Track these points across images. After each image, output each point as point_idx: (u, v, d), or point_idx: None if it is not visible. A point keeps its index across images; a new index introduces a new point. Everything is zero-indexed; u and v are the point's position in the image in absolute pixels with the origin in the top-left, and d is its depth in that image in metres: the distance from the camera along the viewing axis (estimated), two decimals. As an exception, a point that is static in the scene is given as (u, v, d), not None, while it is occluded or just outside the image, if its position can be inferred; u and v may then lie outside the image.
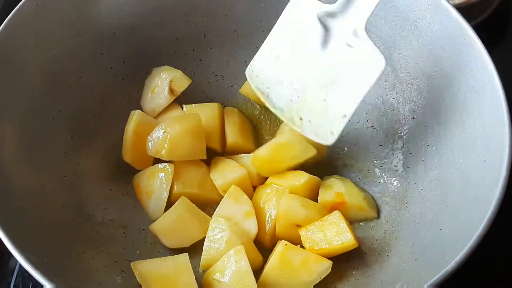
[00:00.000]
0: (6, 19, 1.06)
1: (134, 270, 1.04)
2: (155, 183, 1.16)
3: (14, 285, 1.16)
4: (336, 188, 1.16)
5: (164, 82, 1.23)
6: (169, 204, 1.14)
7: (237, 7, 1.29)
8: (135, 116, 1.20)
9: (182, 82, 1.24)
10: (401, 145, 1.19)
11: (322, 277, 1.05)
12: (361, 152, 1.25)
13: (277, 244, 1.09)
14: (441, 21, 1.09)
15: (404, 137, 1.19)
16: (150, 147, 1.17)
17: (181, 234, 1.13)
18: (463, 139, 1.05)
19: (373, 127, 1.24)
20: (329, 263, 1.06)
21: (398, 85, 1.20)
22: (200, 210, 1.16)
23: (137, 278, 1.04)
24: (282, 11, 1.24)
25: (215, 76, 1.34)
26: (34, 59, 1.10)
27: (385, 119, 1.23)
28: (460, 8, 1.07)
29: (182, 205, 1.13)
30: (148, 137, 1.18)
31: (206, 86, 1.32)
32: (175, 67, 1.26)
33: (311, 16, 1.09)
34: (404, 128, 1.19)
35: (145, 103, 1.26)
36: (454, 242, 0.91)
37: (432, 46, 1.12)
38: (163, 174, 1.16)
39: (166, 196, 1.15)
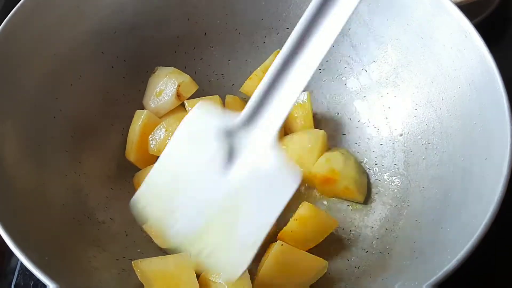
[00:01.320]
0: (7, 18, 1.05)
1: (135, 269, 1.04)
2: None
3: (15, 284, 1.16)
4: (334, 164, 1.17)
5: (171, 86, 1.23)
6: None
7: (237, 5, 1.28)
8: (143, 116, 1.20)
9: (190, 88, 1.24)
10: (402, 143, 1.19)
11: (319, 277, 1.05)
12: (362, 151, 1.25)
13: (271, 245, 1.08)
14: (442, 20, 1.09)
15: (405, 135, 1.19)
16: (152, 146, 1.17)
17: None
18: (464, 138, 1.05)
19: (374, 126, 1.24)
20: (325, 263, 1.06)
21: (399, 84, 1.20)
22: None
23: (139, 277, 1.03)
24: (283, 9, 1.25)
25: (215, 75, 1.33)
26: (34, 58, 1.10)
27: (386, 118, 1.23)
28: (461, 6, 1.07)
29: None
30: (150, 136, 1.18)
31: (206, 84, 1.31)
32: (175, 66, 1.26)
33: (211, 132, 0.94)
34: (405, 126, 1.19)
35: (148, 103, 1.26)
36: (455, 241, 0.91)
37: (432, 44, 1.12)
38: None
39: None
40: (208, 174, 0.94)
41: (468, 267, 0.86)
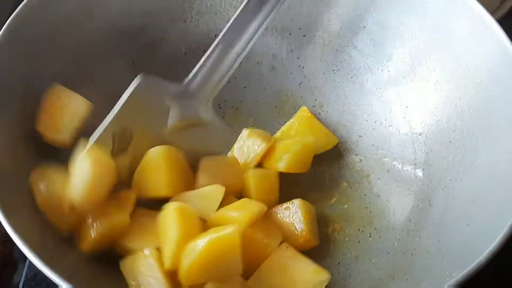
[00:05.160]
0: (11, 16, 1.03)
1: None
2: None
3: (22, 288, 1.13)
4: None
5: None
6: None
7: (249, 6, 1.25)
8: None
9: None
10: (422, 143, 1.16)
11: None
12: (380, 152, 1.21)
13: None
14: (460, 13, 1.07)
15: (425, 134, 1.16)
16: None
17: None
18: (487, 133, 1.02)
19: (391, 126, 1.21)
20: (327, 276, 1.00)
21: (417, 82, 1.17)
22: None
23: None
24: (295, 9, 1.26)
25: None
26: (40, 59, 1.07)
27: (404, 117, 1.19)
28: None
29: None
30: None
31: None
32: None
33: (157, 97, 1.07)
34: (424, 125, 1.16)
35: None
36: (482, 238, 0.88)
37: (451, 39, 1.10)
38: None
39: None
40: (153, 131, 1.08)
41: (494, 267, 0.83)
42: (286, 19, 1.26)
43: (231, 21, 1.07)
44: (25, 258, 1.15)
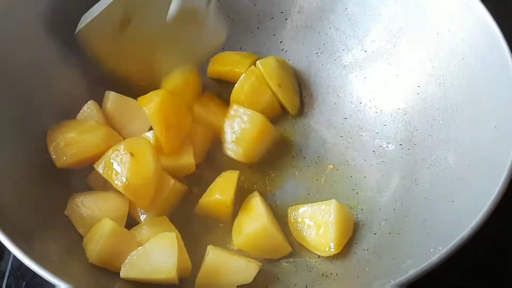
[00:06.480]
0: None
1: None
2: None
3: (6, 286, 1.11)
4: None
5: None
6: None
7: (230, -8, 1.25)
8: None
9: None
10: (407, 122, 1.15)
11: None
12: (365, 133, 1.20)
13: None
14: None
15: (409, 113, 1.14)
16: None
17: None
18: (471, 108, 1.01)
19: (376, 107, 1.20)
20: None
21: (399, 61, 1.16)
22: None
23: None
24: None
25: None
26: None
27: (388, 97, 1.18)
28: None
29: None
30: None
31: (201, 73, 1.26)
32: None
33: None
34: (409, 105, 1.15)
35: None
36: (468, 213, 0.87)
37: (432, 17, 1.09)
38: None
39: None
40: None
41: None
42: (267, 3, 1.25)
43: None
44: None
